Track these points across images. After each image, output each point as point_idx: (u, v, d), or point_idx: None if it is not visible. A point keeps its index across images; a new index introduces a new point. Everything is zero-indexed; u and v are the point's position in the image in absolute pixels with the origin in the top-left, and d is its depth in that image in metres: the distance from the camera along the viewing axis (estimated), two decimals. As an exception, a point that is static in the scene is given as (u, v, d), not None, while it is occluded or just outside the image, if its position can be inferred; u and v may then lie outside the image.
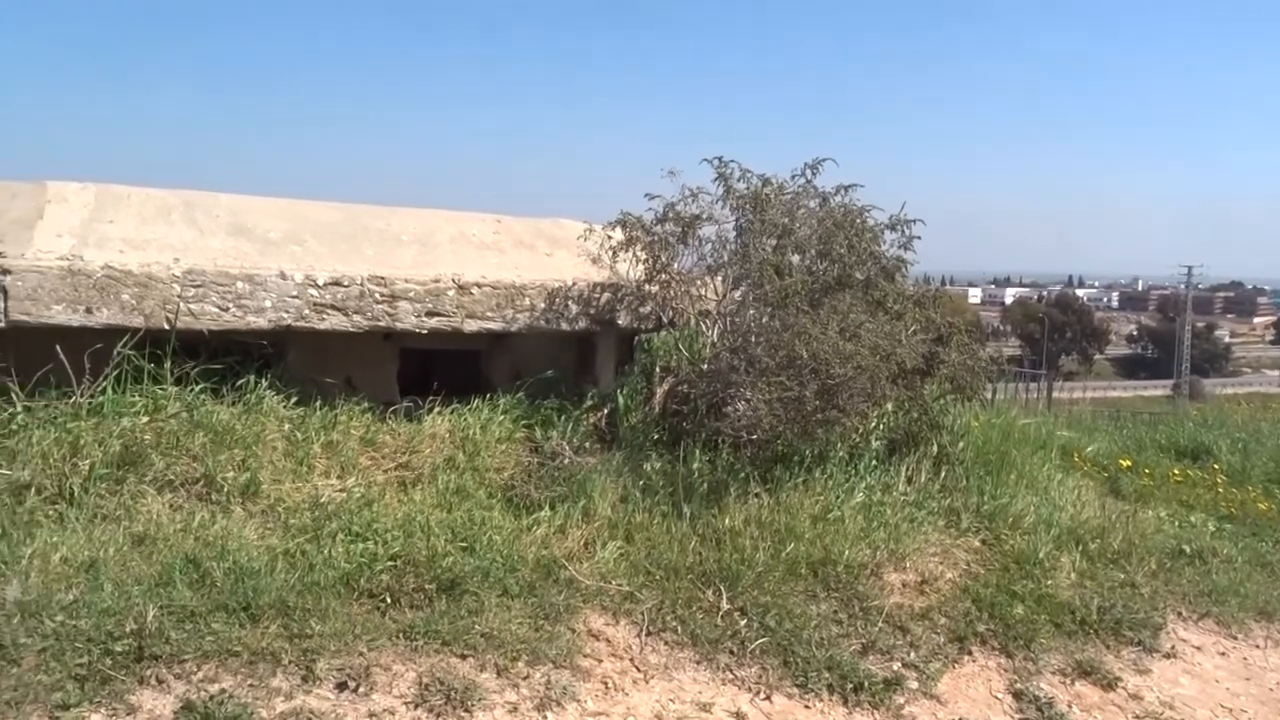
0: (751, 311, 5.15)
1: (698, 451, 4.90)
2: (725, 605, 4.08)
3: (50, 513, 3.88)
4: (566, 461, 4.88)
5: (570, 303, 5.37)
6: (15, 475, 3.90)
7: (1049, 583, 4.74)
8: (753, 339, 4.97)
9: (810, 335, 4.63)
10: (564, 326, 5.39)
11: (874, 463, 5.28)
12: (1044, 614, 4.52)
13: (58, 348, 4.12)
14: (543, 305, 5.28)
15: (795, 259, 5.21)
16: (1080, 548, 5.15)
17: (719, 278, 5.46)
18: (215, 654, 3.22)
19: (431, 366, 5.65)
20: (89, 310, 4.24)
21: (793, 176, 5.40)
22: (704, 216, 5.37)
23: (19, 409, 4.13)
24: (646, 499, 4.59)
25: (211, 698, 3.01)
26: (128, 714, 2.98)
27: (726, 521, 4.54)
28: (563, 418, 5.27)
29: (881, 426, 5.53)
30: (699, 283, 5.50)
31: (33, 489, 3.91)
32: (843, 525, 4.68)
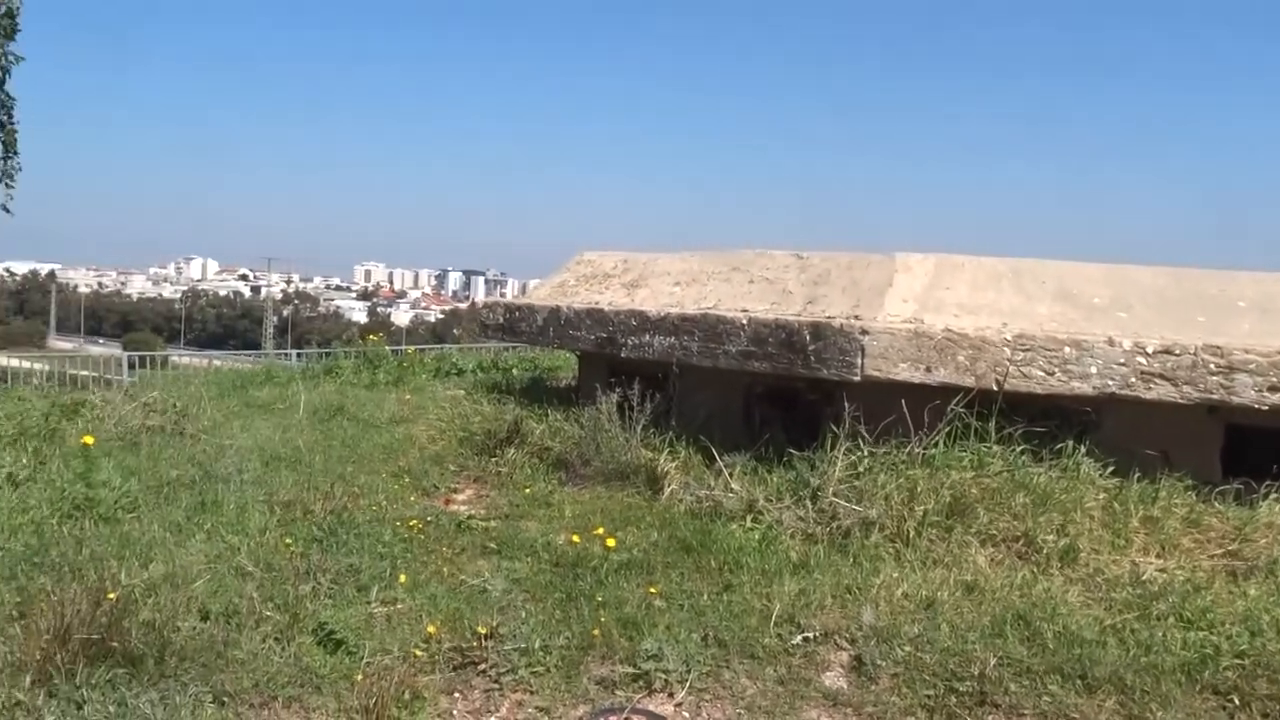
0: None
1: None
2: None
3: (890, 550, 4.33)
4: None
5: None
6: (864, 512, 4.43)
7: None
8: None
9: None
10: None
11: None
12: None
13: (902, 402, 4.59)
14: None
15: None
16: None
17: None
18: (1052, 715, 3.25)
19: (1252, 445, 5.06)
20: (928, 369, 4.66)
21: None
22: None
23: (865, 454, 4.69)
24: None
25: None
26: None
27: None
28: None
29: None
30: None
31: (876, 526, 4.40)
32: None
